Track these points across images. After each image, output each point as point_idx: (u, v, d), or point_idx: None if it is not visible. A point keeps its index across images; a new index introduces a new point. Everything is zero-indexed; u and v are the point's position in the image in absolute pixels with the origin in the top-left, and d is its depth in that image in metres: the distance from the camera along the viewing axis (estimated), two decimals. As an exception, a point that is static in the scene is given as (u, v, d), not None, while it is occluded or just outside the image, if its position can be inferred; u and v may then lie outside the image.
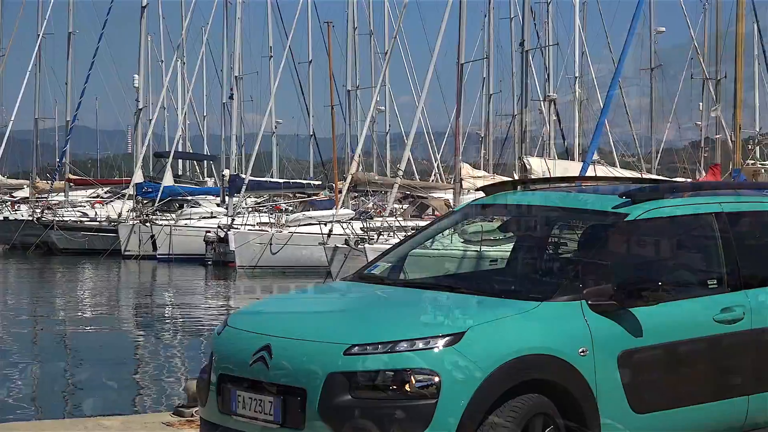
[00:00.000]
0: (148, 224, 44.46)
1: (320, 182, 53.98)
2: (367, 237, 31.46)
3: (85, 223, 49.14)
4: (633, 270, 6.51)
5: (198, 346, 20.73)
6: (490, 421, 5.78)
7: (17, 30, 62.26)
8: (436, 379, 5.69)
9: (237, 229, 39.96)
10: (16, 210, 55.09)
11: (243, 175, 47.60)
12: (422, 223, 28.32)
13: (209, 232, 42.41)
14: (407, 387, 5.69)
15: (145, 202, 48.40)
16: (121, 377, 17.53)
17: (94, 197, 57.02)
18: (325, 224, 35.66)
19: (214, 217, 45.60)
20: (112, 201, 52.85)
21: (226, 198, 47.67)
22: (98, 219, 49.27)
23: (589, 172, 27.36)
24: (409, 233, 22.14)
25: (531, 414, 5.89)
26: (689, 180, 36.64)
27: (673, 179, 34.24)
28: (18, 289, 34.92)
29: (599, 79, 54.41)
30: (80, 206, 53.32)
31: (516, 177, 38.86)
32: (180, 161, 63.31)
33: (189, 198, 50.73)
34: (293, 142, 73.90)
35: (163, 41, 71.90)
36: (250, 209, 46.48)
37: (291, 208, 47.92)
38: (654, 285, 6.24)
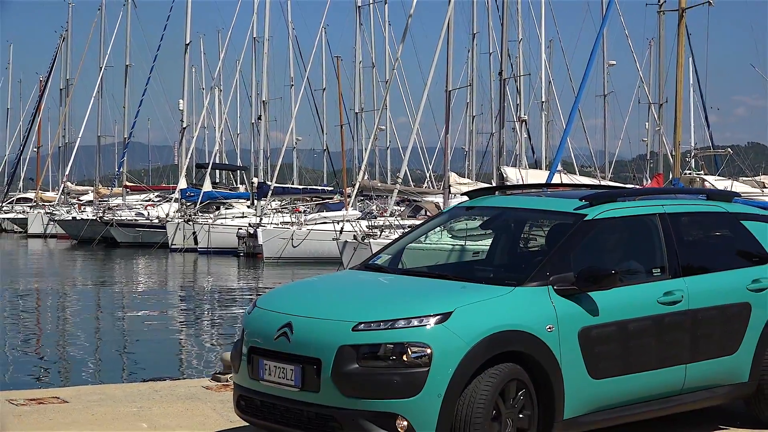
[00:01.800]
0: (190, 223, 44.46)
1: (333, 188, 53.93)
2: (371, 233, 31.42)
3: (139, 221, 49.22)
4: (591, 260, 6.48)
5: (232, 323, 20.72)
6: (473, 386, 5.76)
7: (83, 63, 62.34)
8: (429, 350, 5.67)
9: (264, 227, 39.97)
10: (82, 211, 55.30)
11: (269, 183, 47.65)
12: (417, 222, 28.27)
13: (241, 229, 42.44)
14: (404, 357, 5.67)
15: (188, 204, 48.36)
16: (168, 348, 17.53)
17: (146, 200, 57.12)
18: (337, 223, 35.66)
19: (245, 217, 45.63)
20: (161, 204, 52.90)
21: (255, 201, 47.65)
22: (150, 218, 49.34)
23: (555, 180, 27.28)
24: (406, 230, 22.12)
25: (507, 380, 5.87)
26: (637, 186, 36.55)
27: (624, 186, 34.20)
28: (84, 274, 34.92)
29: (562, 103, 54.38)
30: (135, 208, 53.39)
31: (495, 184, 38.85)
32: (217, 171, 63.19)
33: (224, 201, 50.73)
34: (310, 155, 73.95)
35: (203, 72, 72.21)
36: (274, 210, 46.45)
37: (308, 210, 47.88)
38: (608, 273, 6.22)
